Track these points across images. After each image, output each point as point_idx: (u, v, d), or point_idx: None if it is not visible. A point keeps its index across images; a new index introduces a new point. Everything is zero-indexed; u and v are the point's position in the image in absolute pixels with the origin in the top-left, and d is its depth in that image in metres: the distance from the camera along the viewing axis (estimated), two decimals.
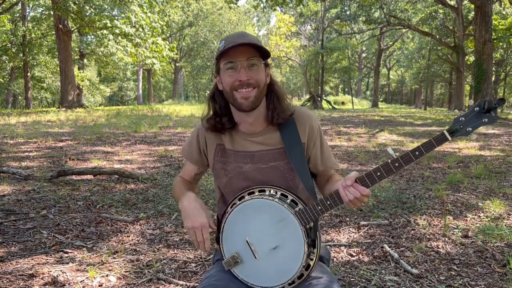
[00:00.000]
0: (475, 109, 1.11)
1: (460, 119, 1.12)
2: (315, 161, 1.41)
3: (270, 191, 1.31)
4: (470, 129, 1.10)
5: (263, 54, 1.29)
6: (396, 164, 1.15)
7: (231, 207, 1.34)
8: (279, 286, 1.27)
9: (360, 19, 27.44)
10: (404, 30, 32.43)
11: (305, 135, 1.37)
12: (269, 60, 1.36)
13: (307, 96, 27.00)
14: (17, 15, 28.30)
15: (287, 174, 1.36)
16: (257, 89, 1.27)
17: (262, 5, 18.34)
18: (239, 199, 1.34)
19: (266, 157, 1.36)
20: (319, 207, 1.24)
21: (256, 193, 1.31)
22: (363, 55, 47.09)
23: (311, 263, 1.27)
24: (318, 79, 31.92)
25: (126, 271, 2.43)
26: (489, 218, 3.40)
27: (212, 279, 1.31)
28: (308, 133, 1.38)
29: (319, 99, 27.21)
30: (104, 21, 17.97)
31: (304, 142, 1.37)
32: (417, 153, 1.13)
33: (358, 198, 1.15)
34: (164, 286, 2.28)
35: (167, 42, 21.92)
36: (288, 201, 1.28)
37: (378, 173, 1.17)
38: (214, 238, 1.42)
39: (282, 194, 1.30)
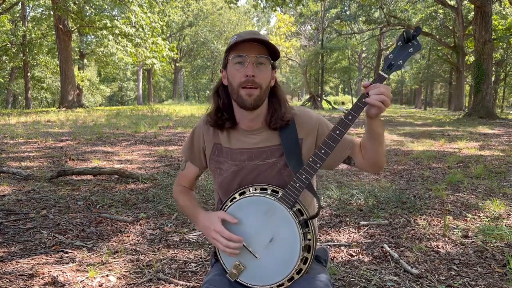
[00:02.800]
0: (398, 43, 1.17)
1: (389, 56, 1.18)
2: None
3: (249, 190, 1.31)
4: (401, 61, 1.17)
5: (272, 55, 1.30)
6: (350, 117, 1.18)
7: None
8: (288, 276, 1.24)
9: (360, 19, 27.43)
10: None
11: (303, 131, 1.37)
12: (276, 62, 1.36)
13: (307, 96, 27.02)
14: (17, 15, 28.32)
15: (283, 170, 1.35)
16: (259, 89, 1.27)
17: (262, 5, 18.35)
18: (223, 209, 1.33)
19: (264, 153, 1.36)
20: (297, 184, 1.23)
21: (238, 197, 1.31)
22: (363, 55, 47.04)
23: (310, 243, 1.25)
24: (318, 79, 31.89)
25: (126, 271, 2.43)
26: (489, 218, 3.40)
27: (211, 285, 1.29)
28: (305, 128, 1.37)
29: (319, 99, 27.25)
30: (104, 21, 18.00)
31: (301, 138, 1.36)
32: (363, 100, 1.17)
33: (383, 93, 1.12)
34: (164, 286, 2.28)
35: (167, 42, 21.92)
36: (269, 191, 1.29)
37: (337, 131, 1.20)
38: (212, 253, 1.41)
39: (261, 188, 1.31)
